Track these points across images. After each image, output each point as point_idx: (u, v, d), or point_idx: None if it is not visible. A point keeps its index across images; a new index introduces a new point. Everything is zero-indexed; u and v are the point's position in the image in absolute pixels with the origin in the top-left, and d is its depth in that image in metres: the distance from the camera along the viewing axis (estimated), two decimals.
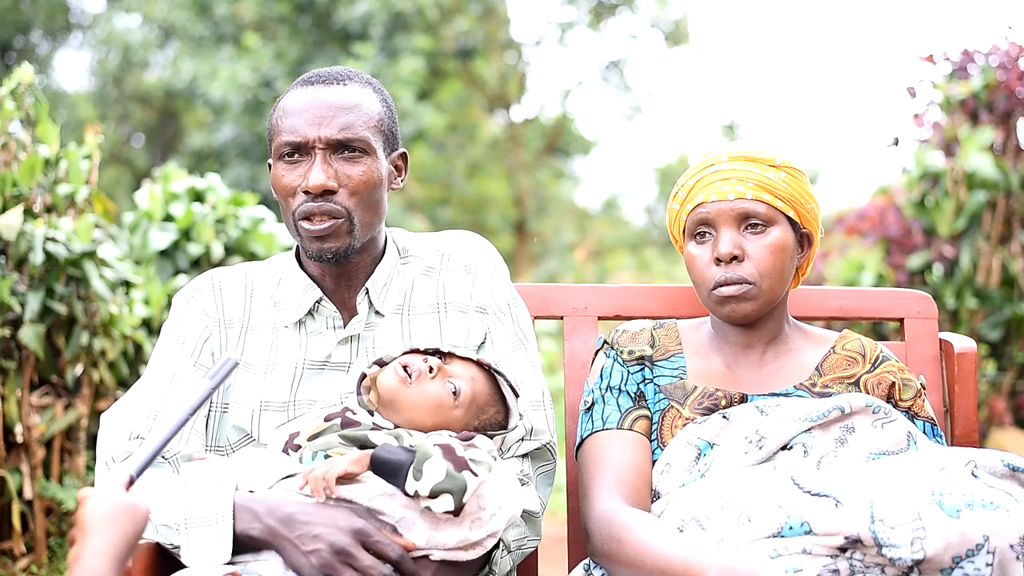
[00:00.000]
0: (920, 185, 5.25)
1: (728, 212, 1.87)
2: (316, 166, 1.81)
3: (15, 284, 3.36)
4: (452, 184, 14.43)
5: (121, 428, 1.82)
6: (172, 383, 1.85)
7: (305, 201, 1.83)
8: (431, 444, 1.63)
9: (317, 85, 1.86)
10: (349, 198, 1.83)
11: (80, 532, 1.39)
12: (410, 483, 1.59)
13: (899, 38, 28.77)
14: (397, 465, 1.60)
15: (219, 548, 1.60)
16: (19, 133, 3.56)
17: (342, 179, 1.83)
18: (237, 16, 13.72)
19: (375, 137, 1.86)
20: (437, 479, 1.58)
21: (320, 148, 1.82)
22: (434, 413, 1.73)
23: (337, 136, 1.82)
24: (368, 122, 1.85)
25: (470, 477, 1.60)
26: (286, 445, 1.73)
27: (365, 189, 1.84)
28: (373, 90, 1.91)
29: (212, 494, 1.63)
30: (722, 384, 1.92)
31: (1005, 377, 5.06)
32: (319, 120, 1.82)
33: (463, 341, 1.92)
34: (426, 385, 1.74)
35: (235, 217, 4.54)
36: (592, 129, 21.95)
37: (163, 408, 1.83)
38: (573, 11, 15.06)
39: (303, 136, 1.82)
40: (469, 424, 1.77)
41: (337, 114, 1.83)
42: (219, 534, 1.60)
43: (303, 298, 1.92)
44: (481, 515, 1.64)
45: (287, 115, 1.85)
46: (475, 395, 1.77)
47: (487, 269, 2.00)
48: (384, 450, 1.61)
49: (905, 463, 1.66)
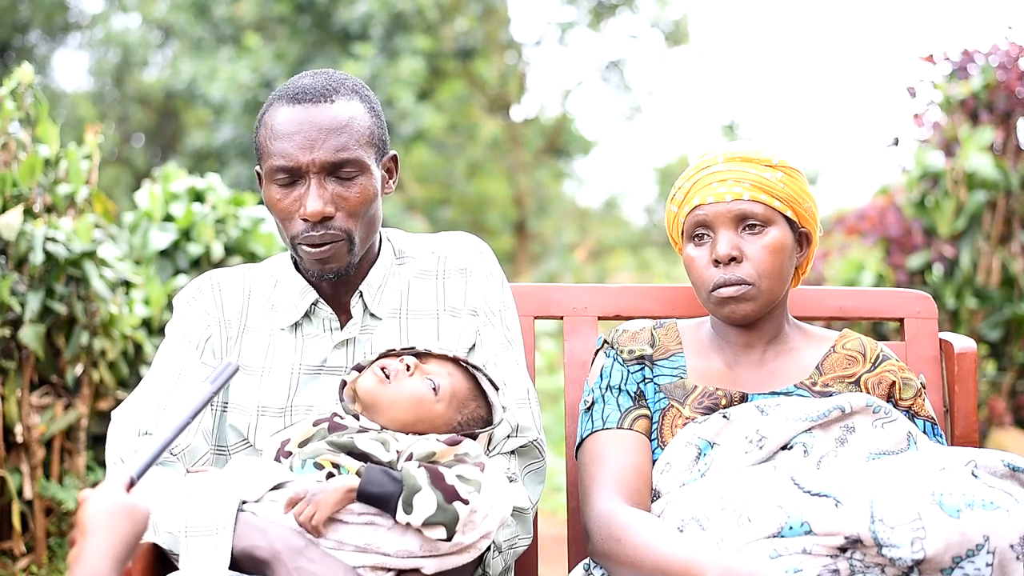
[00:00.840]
0: (920, 185, 5.25)
1: (725, 213, 1.87)
2: (312, 193, 1.79)
3: (15, 284, 3.36)
4: (452, 184, 14.43)
5: (130, 425, 1.82)
6: (180, 378, 1.86)
7: (305, 230, 1.81)
8: (417, 469, 1.62)
9: (305, 104, 1.81)
10: (347, 219, 1.82)
11: (80, 533, 1.39)
12: (400, 515, 1.60)
13: (899, 38, 28.78)
14: (385, 498, 1.60)
15: (217, 559, 1.60)
16: (19, 133, 3.55)
17: (338, 202, 1.81)
18: (236, 17, 13.71)
19: (367, 152, 1.84)
20: (427, 512, 1.59)
21: (314, 172, 1.80)
22: (415, 409, 1.74)
23: (331, 159, 1.79)
24: (360, 139, 1.82)
25: (461, 507, 1.60)
26: (278, 452, 1.74)
27: (361, 207, 1.83)
28: (360, 99, 1.87)
29: (214, 505, 1.63)
30: (722, 383, 1.92)
31: (1005, 377, 5.06)
32: (310, 144, 1.79)
33: (455, 344, 1.92)
34: (404, 383, 1.75)
35: (235, 217, 4.54)
36: (592, 129, 21.96)
37: (171, 403, 1.83)
38: (573, 11, 15.06)
39: (296, 161, 1.79)
40: (452, 420, 1.77)
41: (328, 136, 1.79)
42: (218, 545, 1.60)
43: (299, 301, 1.92)
44: (473, 518, 1.64)
45: (276, 137, 1.81)
46: (455, 390, 1.78)
47: (482, 271, 2.00)
48: (369, 483, 1.61)
49: (905, 463, 1.66)
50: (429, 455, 1.67)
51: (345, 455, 1.67)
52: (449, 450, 1.68)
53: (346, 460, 1.66)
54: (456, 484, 1.61)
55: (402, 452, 1.69)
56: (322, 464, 1.66)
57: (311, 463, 1.67)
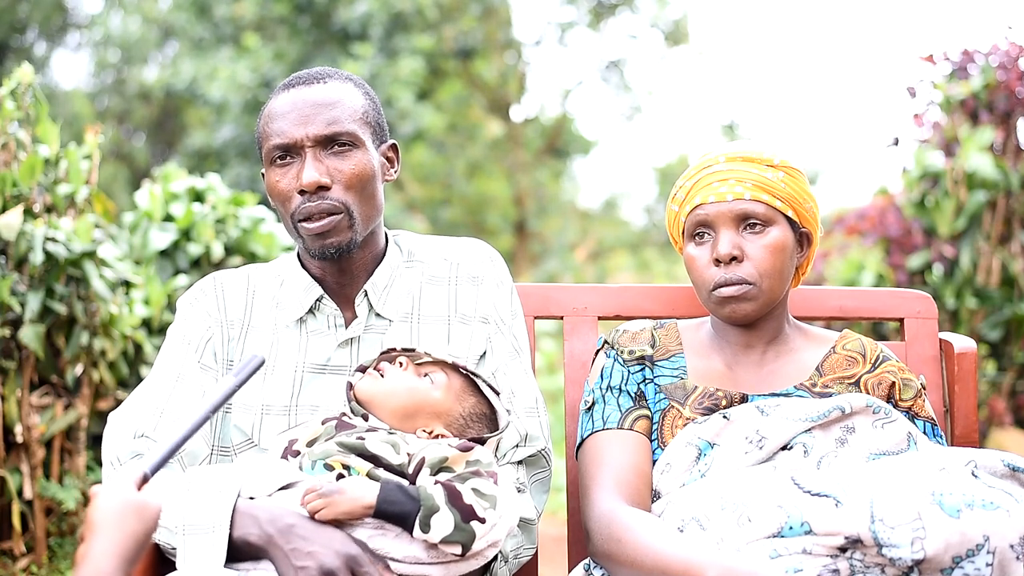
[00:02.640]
0: (920, 185, 5.25)
1: (727, 213, 1.87)
2: (308, 164, 1.83)
3: (15, 284, 3.36)
4: (452, 184, 14.43)
5: (126, 427, 1.82)
6: (178, 382, 1.86)
7: (302, 203, 1.83)
8: (434, 486, 1.62)
9: (298, 87, 1.88)
10: (345, 192, 1.84)
11: (89, 530, 1.37)
12: (417, 533, 1.60)
13: (899, 38, 28.78)
14: (402, 516, 1.61)
15: (213, 557, 1.60)
16: (19, 133, 3.55)
17: (334, 174, 1.84)
18: (236, 17, 13.71)
19: (362, 129, 1.88)
20: (445, 532, 1.59)
21: (309, 146, 1.84)
22: (411, 398, 1.75)
23: (324, 132, 1.83)
24: (353, 115, 1.87)
25: (478, 525, 1.61)
26: (285, 451, 1.74)
27: (359, 181, 1.85)
28: (354, 84, 1.93)
29: (212, 503, 1.63)
30: (722, 384, 1.92)
31: (1005, 377, 5.06)
32: (304, 119, 1.84)
33: (466, 351, 1.93)
34: (399, 376, 1.77)
35: (235, 217, 4.54)
36: (592, 129, 21.96)
37: (168, 407, 1.83)
38: (573, 11, 15.05)
39: (291, 137, 1.84)
40: (454, 410, 1.78)
41: (321, 111, 1.84)
42: (215, 543, 1.60)
43: (304, 296, 1.93)
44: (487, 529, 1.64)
45: (272, 119, 1.87)
46: (450, 381, 1.79)
47: (493, 279, 2.00)
48: (386, 502, 1.60)
49: (905, 463, 1.66)
50: (441, 460, 1.66)
51: (355, 456, 1.67)
52: (461, 456, 1.67)
53: (356, 461, 1.66)
54: (474, 503, 1.62)
55: (413, 455, 1.68)
56: (332, 465, 1.66)
57: (321, 464, 1.67)
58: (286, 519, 1.61)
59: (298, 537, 1.59)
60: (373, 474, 1.65)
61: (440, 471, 1.66)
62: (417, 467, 1.67)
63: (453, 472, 1.66)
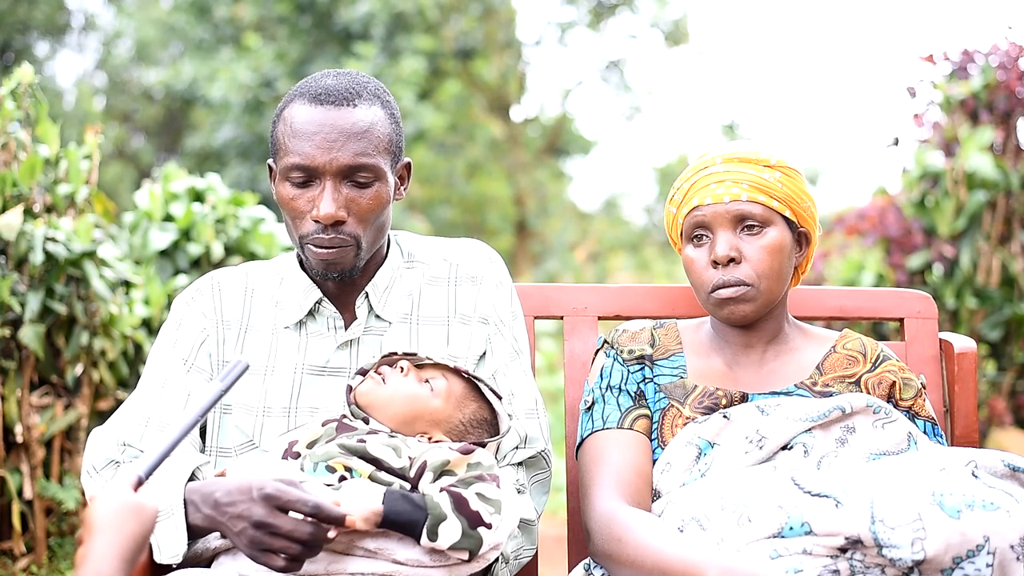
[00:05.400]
0: (920, 185, 5.25)
1: (724, 214, 1.87)
2: (327, 195, 1.79)
3: (15, 284, 3.36)
4: (452, 184, 14.41)
5: (110, 436, 1.83)
6: (163, 389, 1.86)
7: (315, 232, 1.81)
8: (440, 494, 1.62)
9: (327, 106, 1.80)
10: (358, 224, 1.82)
11: (87, 533, 1.38)
12: (424, 541, 1.60)
13: (899, 38, 28.77)
14: (410, 525, 1.60)
15: (176, 540, 1.61)
16: (19, 133, 3.55)
17: (351, 206, 1.81)
18: (237, 18, 13.71)
19: (384, 159, 1.83)
20: (453, 540, 1.60)
21: (330, 175, 1.79)
22: (411, 404, 1.75)
23: (349, 163, 1.79)
24: (379, 146, 1.82)
25: (485, 532, 1.61)
26: (285, 453, 1.73)
27: (373, 214, 1.83)
28: (381, 105, 1.86)
29: (167, 486, 1.63)
30: (722, 383, 1.92)
31: (1005, 377, 5.06)
32: (330, 146, 1.78)
33: (465, 352, 1.92)
34: (399, 382, 1.76)
35: (235, 217, 4.54)
36: (592, 129, 21.95)
37: (153, 414, 1.83)
38: (573, 11, 15.06)
39: (313, 161, 1.78)
40: (454, 417, 1.77)
41: (349, 141, 1.79)
42: (176, 525, 1.61)
43: (303, 299, 1.92)
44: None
45: (296, 136, 1.80)
46: (451, 388, 1.78)
47: (492, 280, 2.00)
48: (393, 512, 1.60)
49: (905, 463, 1.66)
50: (443, 463, 1.66)
51: (357, 458, 1.67)
52: (463, 459, 1.67)
53: (358, 464, 1.66)
54: (480, 509, 1.62)
55: (415, 459, 1.68)
56: (334, 467, 1.66)
57: (323, 466, 1.67)
58: (213, 494, 1.60)
59: (225, 505, 1.58)
60: (375, 477, 1.65)
61: (442, 475, 1.66)
62: (419, 471, 1.67)
63: (455, 475, 1.66)
